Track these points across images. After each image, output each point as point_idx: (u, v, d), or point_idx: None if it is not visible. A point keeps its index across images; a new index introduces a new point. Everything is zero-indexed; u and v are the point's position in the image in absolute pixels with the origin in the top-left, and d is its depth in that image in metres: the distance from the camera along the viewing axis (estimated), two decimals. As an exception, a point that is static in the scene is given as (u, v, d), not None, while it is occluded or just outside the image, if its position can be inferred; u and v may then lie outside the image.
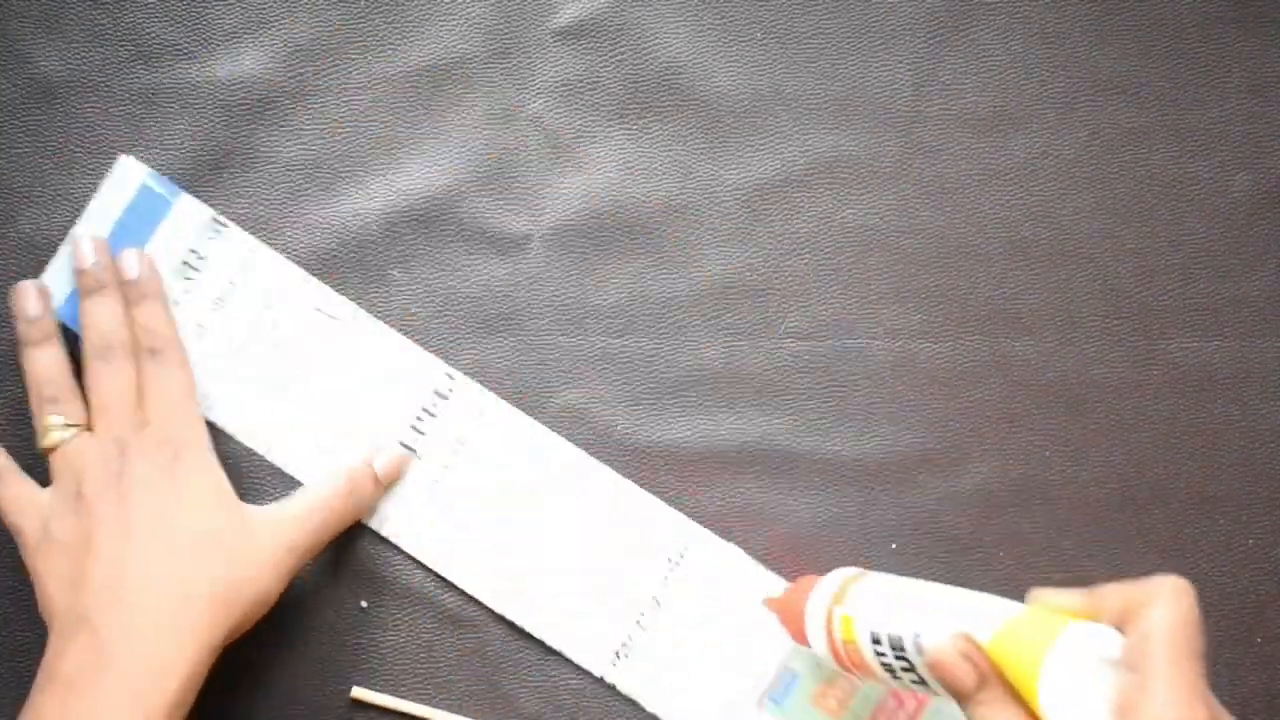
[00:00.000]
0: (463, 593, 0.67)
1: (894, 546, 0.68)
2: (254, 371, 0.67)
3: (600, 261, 0.69)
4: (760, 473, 0.68)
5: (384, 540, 0.67)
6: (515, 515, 0.67)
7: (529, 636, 0.67)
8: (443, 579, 0.67)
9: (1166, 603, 0.48)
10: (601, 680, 0.66)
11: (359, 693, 0.66)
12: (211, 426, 0.66)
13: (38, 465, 0.63)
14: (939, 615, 0.53)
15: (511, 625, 0.67)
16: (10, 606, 0.66)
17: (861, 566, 0.64)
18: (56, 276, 0.66)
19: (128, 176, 0.67)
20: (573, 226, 0.69)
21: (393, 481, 0.66)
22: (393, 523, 0.66)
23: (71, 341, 0.65)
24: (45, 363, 0.63)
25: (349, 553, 0.67)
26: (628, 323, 0.68)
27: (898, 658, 0.54)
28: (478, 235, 0.68)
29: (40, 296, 0.64)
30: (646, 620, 0.66)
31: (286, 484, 0.67)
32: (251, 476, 0.67)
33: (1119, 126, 0.69)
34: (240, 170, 0.68)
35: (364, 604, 0.67)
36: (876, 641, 0.55)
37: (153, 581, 0.58)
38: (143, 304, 0.64)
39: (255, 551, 0.61)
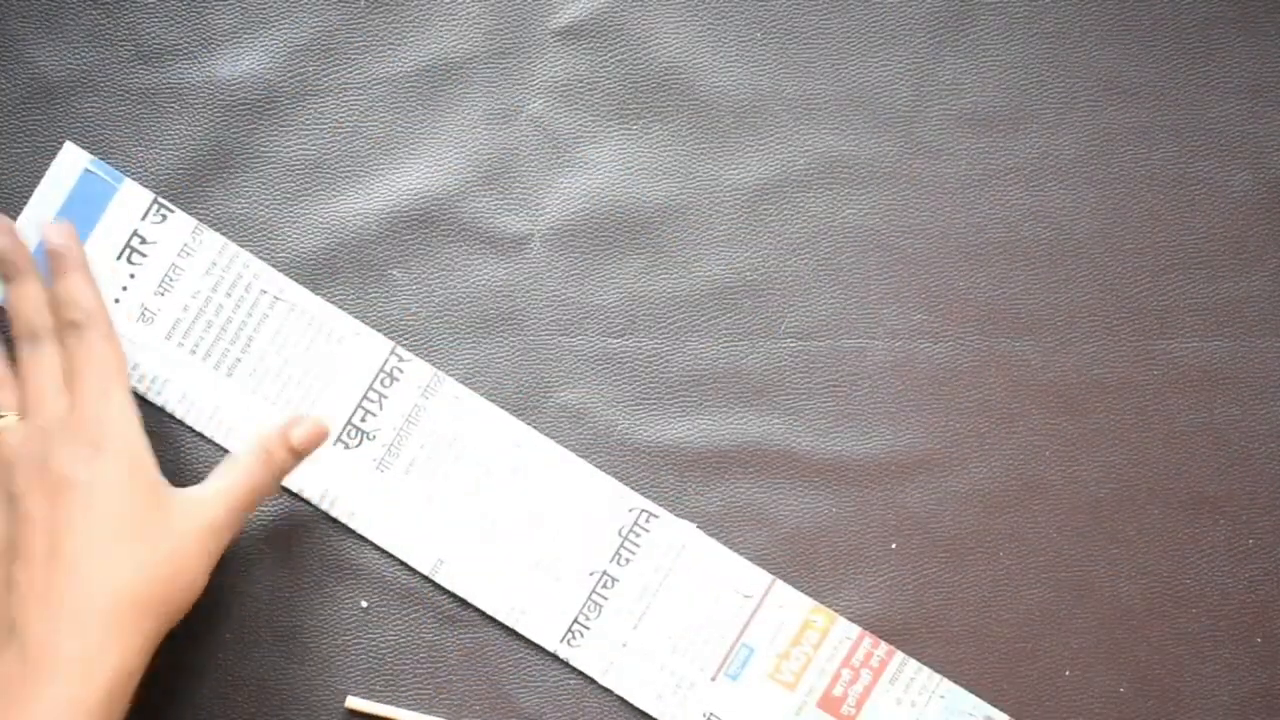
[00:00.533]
0: (463, 593, 0.67)
1: (894, 546, 0.68)
2: (201, 355, 0.67)
3: (600, 261, 0.69)
4: (760, 473, 0.68)
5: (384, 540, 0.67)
6: (465, 493, 0.67)
7: (527, 636, 0.67)
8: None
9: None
10: (555, 656, 0.66)
11: (354, 702, 0.66)
12: (161, 410, 0.66)
13: None
14: None
15: (509, 624, 0.67)
16: (10, 606, 0.66)
17: (861, 566, 0.64)
18: None
19: (71, 163, 0.67)
20: (573, 226, 0.69)
21: (309, 451, 0.63)
22: (344, 503, 0.67)
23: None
24: None
25: (349, 553, 0.67)
26: (628, 323, 0.68)
27: None
28: (478, 235, 0.68)
29: None
30: (600, 596, 0.66)
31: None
32: (200, 460, 0.67)
33: (1119, 126, 0.69)
34: (240, 170, 0.68)
35: (364, 604, 0.67)
36: None
37: (79, 582, 0.58)
38: (65, 277, 0.63)
39: (178, 538, 0.60)
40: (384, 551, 0.67)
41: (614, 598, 0.66)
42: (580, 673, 0.67)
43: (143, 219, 0.67)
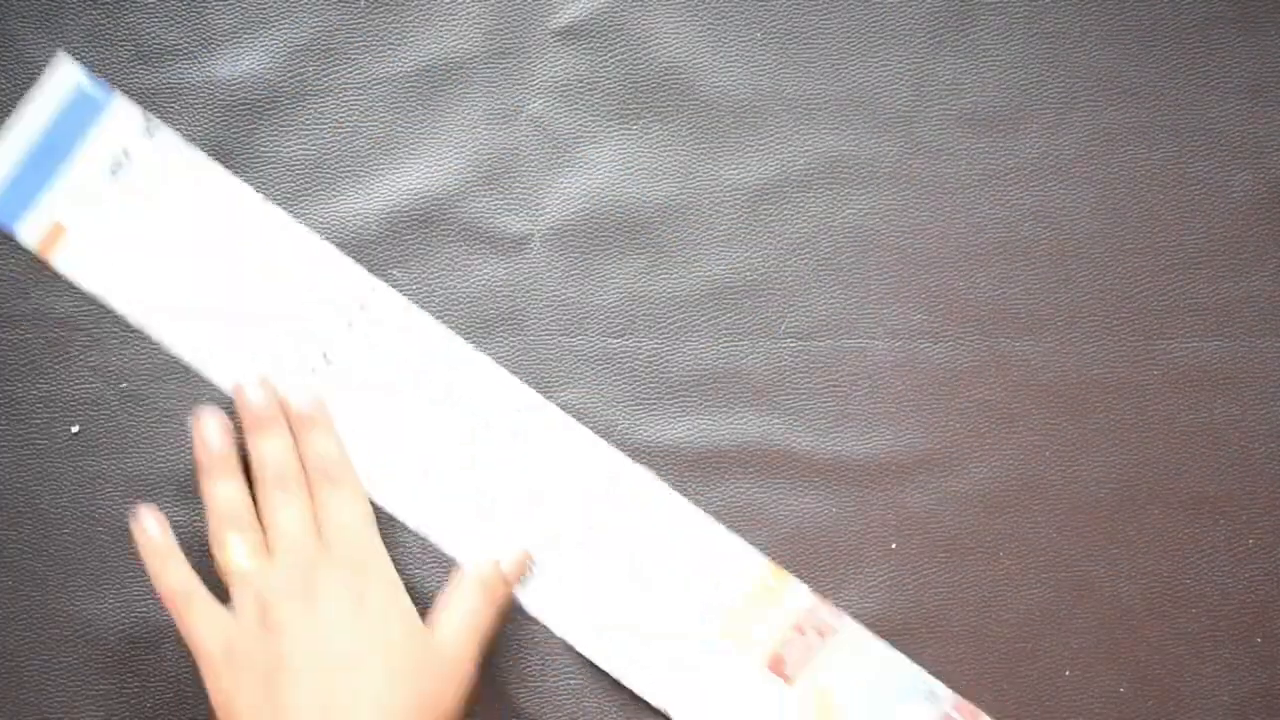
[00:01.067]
0: (463, 593, 0.67)
1: (894, 546, 0.68)
2: (176, 269, 0.67)
3: (600, 261, 0.69)
4: (760, 473, 0.68)
5: (383, 540, 0.67)
6: (424, 427, 0.67)
7: (526, 635, 0.67)
8: (443, 578, 0.67)
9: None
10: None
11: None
12: (124, 323, 0.66)
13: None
14: None
15: (509, 623, 0.67)
16: (9, 607, 0.66)
17: (861, 566, 0.64)
18: None
19: (63, 77, 0.67)
20: (573, 226, 0.69)
21: (523, 578, 0.66)
22: None
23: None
24: (228, 494, 0.64)
25: (349, 553, 0.67)
26: (628, 323, 0.68)
27: None
28: (478, 235, 0.68)
29: (224, 431, 0.65)
30: (557, 543, 0.66)
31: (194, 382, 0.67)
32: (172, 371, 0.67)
33: (1119, 126, 0.69)
34: (240, 170, 0.68)
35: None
36: None
37: (359, 705, 0.59)
38: (314, 433, 0.66)
39: (445, 678, 0.61)
40: (384, 543, 0.67)
41: (571, 546, 0.66)
42: (580, 673, 0.67)
43: (130, 135, 0.67)
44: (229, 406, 0.67)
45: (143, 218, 0.67)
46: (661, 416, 0.68)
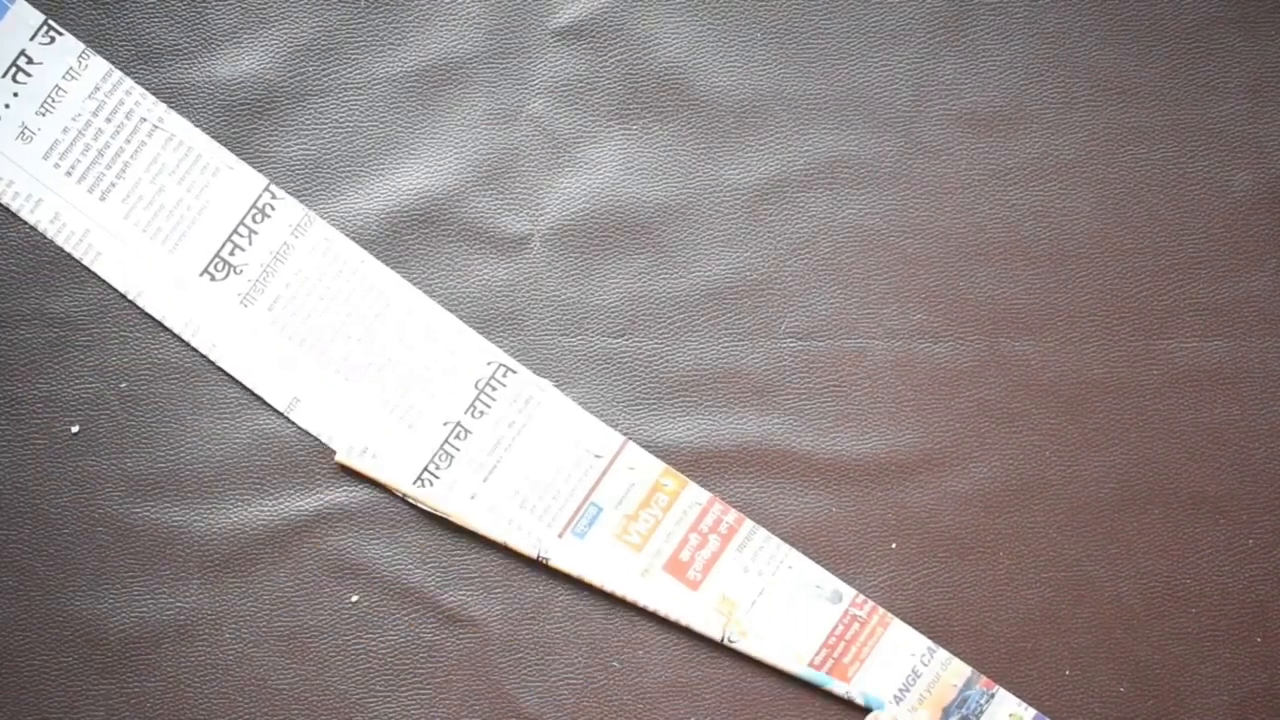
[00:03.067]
0: (463, 593, 0.67)
1: (894, 546, 0.68)
2: (77, 177, 0.67)
3: (600, 261, 0.69)
4: (760, 473, 0.68)
5: (383, 540, 0.67)
6: (326, 334, 0.67)
7: (526, 635, 0.67)
8: (443, 578, 0.67)
9: None
10: (404, 499, 0.66)
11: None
12: (20, 219, 0.67)
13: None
14: None
15: (510, 623, 0.67)
16: (9, 607, 0.66)
17: (861, 566, 0.64)
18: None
19: None
20: (573, 226, 0.69)
21: None
22: (205, 334, 0.67)
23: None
24: None
25: (350, 553, 0.67)
26: (628, 323, 0.68)
27: None
28: (478, 235, 0.68)
29: None
30: (452, 446, 0.67)
31: (194, 382, 0.67)
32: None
33: (1119, 126, 0.69)
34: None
35: (354, 598, 0.67)
36: None
37: None
38: None
39: None
40: (384, 551, 0.67)
41: (466, 449, 0.67)
42: (579, 674, 0.67)
43: (31, 39, 0.67)
44: (229, 405, 0.67)
45: (40, 119, 0.67)
46: (661, 416, 0.68)
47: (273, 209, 0.67)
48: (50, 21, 0.67)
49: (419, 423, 0.67)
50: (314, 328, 0.67)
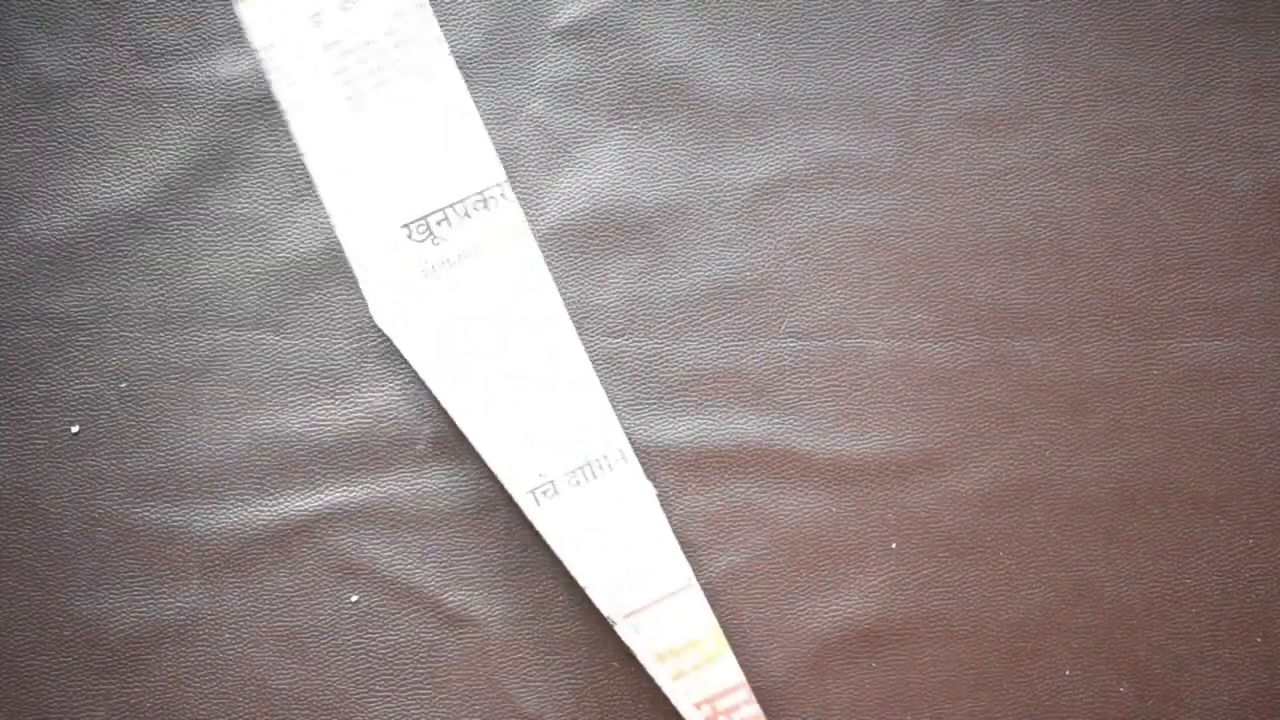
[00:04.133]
0: (463, 592, 0.67)
1: (894, 546, 0.68)
2: (344, 80, 0.64)
3: (600, 261, 0.69)
4: (760, 473, 0.68)
5: (384, 540, 0.67)
6: (485, 341, 0.63)
7: (526, 635, 0.67)
8: (443, 578, 0.67)
9: None
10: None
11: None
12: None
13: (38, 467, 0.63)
14: None
15: (510, 623, 0.67)
16: (9, 607, 0.66)
17: (861, 566, 0.64)
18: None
19: None
20: (572, 226, 0.69)
21: None
22: (380, 287, 0.62)
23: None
24: None
25: (349, 553, 0.67)
26: (628, 323, 0.68)
27: None
28: (478, 235, 0.68)
29: None
30: (538, 496, 0.65)
31: (194, 382, 0.67)
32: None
33: (1119, 126, 0.69)
34: (240, 170, 0.68)
35: (354, 598, 0.67)
36: None
37: None
38: None
39: None
40: (384, 551, 0.67)
41: (547, 505, 0.64)
42: (579, 674, 0.67)
43: None
44: (229, 405, 0.67)
45: (341, 13, 0.64)
46: (661, 416, 0.68)
47: (495, 203, 0.64)
48: None
49: (515, 468, 0.64)
50: (475, 330, 0.64)
